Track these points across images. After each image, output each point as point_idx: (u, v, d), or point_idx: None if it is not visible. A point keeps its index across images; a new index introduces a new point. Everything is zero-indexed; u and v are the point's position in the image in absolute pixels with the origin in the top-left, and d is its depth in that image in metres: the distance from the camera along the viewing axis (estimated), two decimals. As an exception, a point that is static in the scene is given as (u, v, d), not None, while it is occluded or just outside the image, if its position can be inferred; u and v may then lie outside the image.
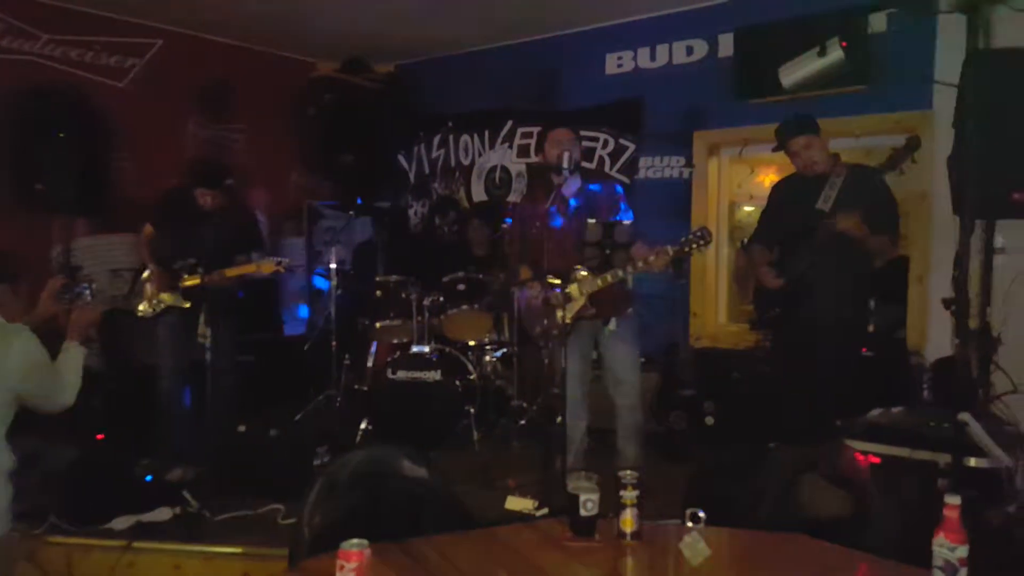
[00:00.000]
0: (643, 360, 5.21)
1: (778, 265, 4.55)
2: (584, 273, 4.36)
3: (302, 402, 6.14)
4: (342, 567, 1.83)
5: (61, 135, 5.19)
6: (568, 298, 4.33)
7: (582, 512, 2.30)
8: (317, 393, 6.20)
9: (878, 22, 5.20)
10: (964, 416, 3.45)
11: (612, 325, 4.53)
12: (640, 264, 4.24)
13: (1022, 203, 3.73)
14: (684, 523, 2.07)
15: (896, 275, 5.35)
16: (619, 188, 4.80)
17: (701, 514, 2.04)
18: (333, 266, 6.33)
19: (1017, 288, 4.18)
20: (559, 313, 4.24)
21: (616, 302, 4.53)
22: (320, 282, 7.69)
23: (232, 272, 4.85)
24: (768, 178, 6.91)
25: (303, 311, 7.91)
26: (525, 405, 5.84)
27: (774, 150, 4.66)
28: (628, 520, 2.27)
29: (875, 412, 4.09)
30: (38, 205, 5.57)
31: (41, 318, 3.32)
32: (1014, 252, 4.33)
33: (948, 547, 1.86)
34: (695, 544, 1.93)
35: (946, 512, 1.89)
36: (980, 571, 1.88)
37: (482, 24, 6.78)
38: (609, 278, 4.33)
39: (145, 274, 5.11)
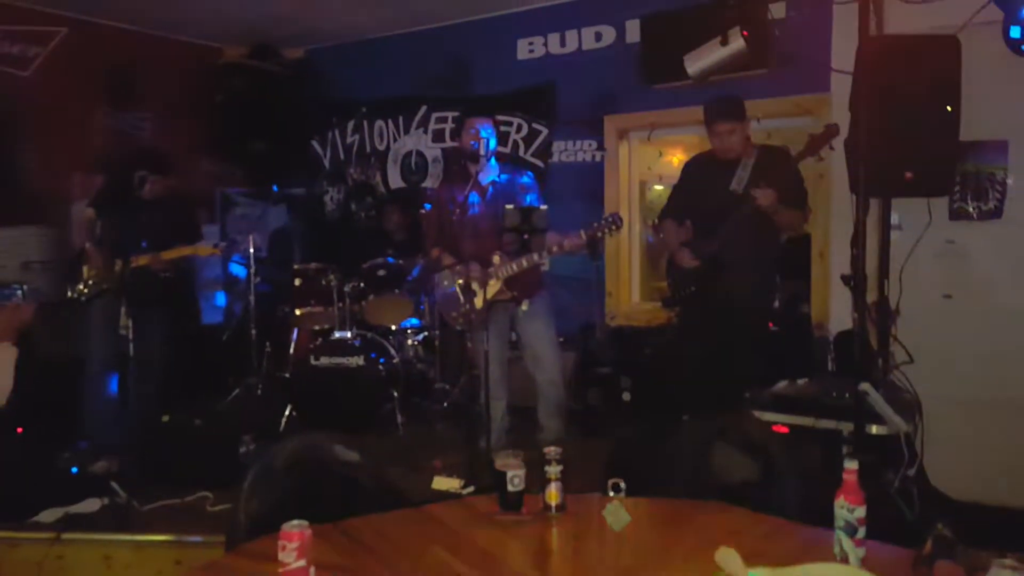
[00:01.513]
0: (561, 340, 5.36)
1: (692, 245, 4.73)
2: (499, 258, 4.49)
3: (222, 391, 6.13)
4: (284, 547, 1.90)
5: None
6: (485, 282, 4.45)
7: (509, 488, 2.42)
8: (236, 382, 6.19)
9: (778, 9, 5.40)
10: (865, 386, 3.64)
11: (525, 306, 4.69)
12: (555, 248, 4.39)
13: (913, 182, 3.95)
14: (607, 493, 2.21)
15: (799, 252, 5.56)
16: (530, 177, 4.92)
17: (622, 484, 2.18)
18: (252, 251, 6.31)
19: (912, 263, 4.40)
20: (476, 298, 4.36)
21: (529, 284, 4.68)
22: (237, 269, 7.63)
23: (170, 254, 4.92)
24: (676, 158, 7.10)
25: (220, 299, 7.83)
26: (448, 387, 5.94)
27: (717, 120, 4.79)
28: (553, 494, 2.40)
29: (781, 384, 4.29)
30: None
31: None
32: (909, 228, 4.55)
33: (848, 508, 2.01)
34: (617, 511, 2.07)
35: (845, 476, 2.04)
36: (882, 530, 2.04)
37: (393, 9, 6.77)
38: (525, 263, 4.47)
39: (84, 256, 5.10)
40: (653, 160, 6.74)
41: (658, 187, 7.21)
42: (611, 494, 2.18)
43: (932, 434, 4.03)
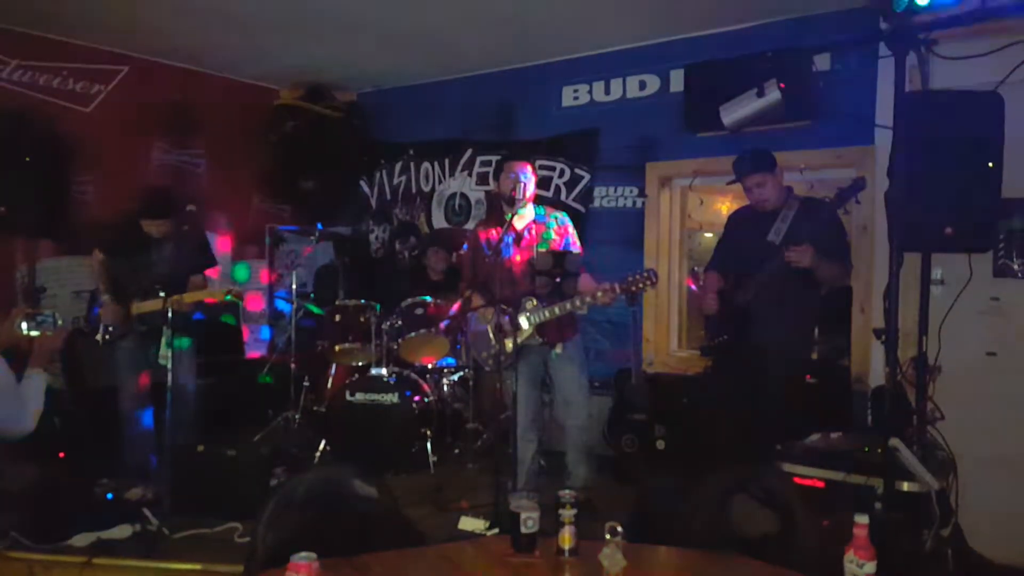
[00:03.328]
0: (596, 384, 5.34)
1: (729, 294, 4.72)
2: (534, 303, 4.51)
3: (261, 423, 6.22)
4: (291, 578, 1.94)
5: (27, 159, 5.26)
6: (517, 326, 4.47)
7: (523, 529, 2.43)
8: (275, 415, 6.27)
9: (822, 61, 5.42)
10: (894, 442, 3.59)
11: (559, 349, 4.67)
12: (588, 299, 4.41)
13: (954, 238, 3.90)
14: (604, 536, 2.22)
15: (840, 305, 5.52)
16: (567, 219, 4.93)
17: (619, 528, 2.18)
18: (294, 287, 6.42)
19: (956, 320, 4.32)
20: (507, 341, 4.38)
21: (562, 328, 4.68)
22: (282, 305, 7.77)
23: (189, 298, 4.95)
24: (725, 206, 7.09)
25: (265, 333, 7.97)
26: (480, 428, 5.95)
27: (730, 183, 4.83)
28: (566, 537, 2.39)
29: (813, 437, 4.24)
30: (2, 227, 5.62)
31: (5, 344, 3.39)
32: (953, 284, 4.47)
33: (857, 563, 1.99)
34: (613, 555, 2.08)
35: (855, 530, 2.02)
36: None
37: (443, 57, 6.93)
38: (557, 311, 4.49)
39: (97, 299, 5.21)
40: (694, 208, 6.75)
41: (708, 235, 7.21)
42: (607, 536, 2.18)
43: (972, 494, 3.94)
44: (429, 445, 5.58)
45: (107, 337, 5.07)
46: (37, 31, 6.40)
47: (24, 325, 3.42)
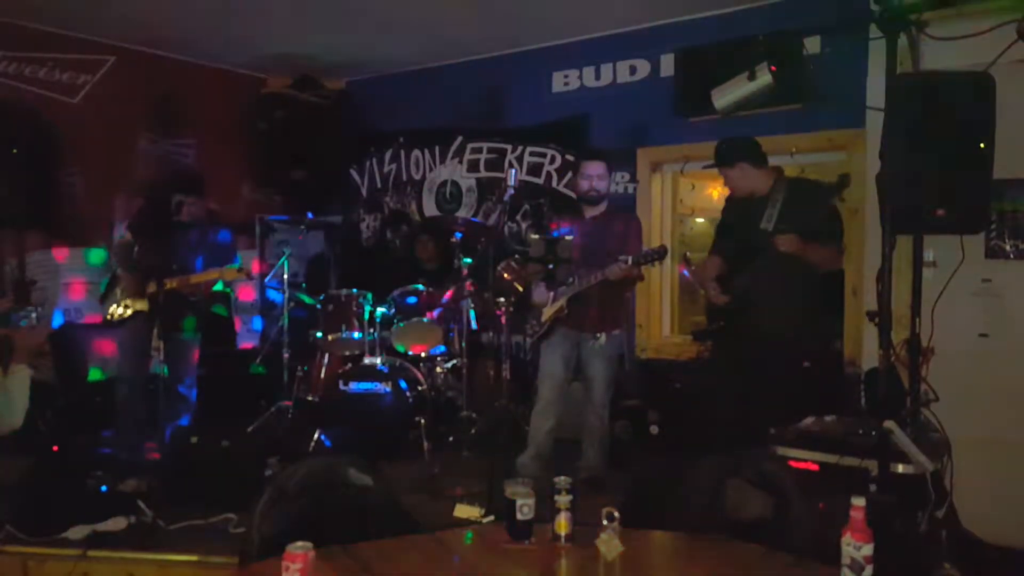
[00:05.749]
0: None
1: (726, 280, 4.72)
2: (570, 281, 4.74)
3: (254, 414, 6.20)
4: (287, 568, 1.93)
5: (14, 151, 5.23)
6: (555, 299, 4.80)
7: (518, 516, 2.42)
8: (268, 405, 6.26)
9: (812, 44, 5.38)
10: (889, 424, 3.59)
11: (603, 339, 4.84)
12: (602, 274, 4.57)
13: (946, 219, 3.89)
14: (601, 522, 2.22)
15: (833, 288, 5.52)
16: (635, 216, 5.14)
17: (615, 513, 2.19)
18: (286, 277, 6.40)
19: (948, 302, 4.32)
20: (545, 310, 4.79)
21: (605, 318, 4.85)
22: (273, 295, 7.74)
23: (196, 279, 4.97)
24: (716, 191, 7.09)
25: (257, 324, 7.94)
26: (474, 415, 5.95)
27: (706, 167, 4.86)
28: (562, 523, 2.39)
29: (808, 420, 4.24)
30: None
31: None
32: (946, 266, 4.47)
33: (855, 545, 1.99)
34: (609, 540, 2.09)
35: (852, 513, 2.02)
36: (908, 573, 2.01)
37: (431, 43, 6.91)
38: (577, 283, 4.71)
39: (117, 279, 5.22)
40: (686, 193, 6.74)
41: (699, 220, 7.21)
42: (604, 523, 2.18)
43: (966, 476, 3.93)
44: (423, 433, 5.57)
45: (118, 315, 5.10)
46: (22, 21, 6.34)
47: (11, 320, 3.40)
